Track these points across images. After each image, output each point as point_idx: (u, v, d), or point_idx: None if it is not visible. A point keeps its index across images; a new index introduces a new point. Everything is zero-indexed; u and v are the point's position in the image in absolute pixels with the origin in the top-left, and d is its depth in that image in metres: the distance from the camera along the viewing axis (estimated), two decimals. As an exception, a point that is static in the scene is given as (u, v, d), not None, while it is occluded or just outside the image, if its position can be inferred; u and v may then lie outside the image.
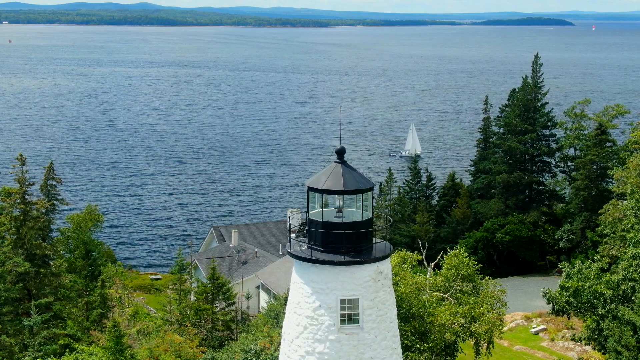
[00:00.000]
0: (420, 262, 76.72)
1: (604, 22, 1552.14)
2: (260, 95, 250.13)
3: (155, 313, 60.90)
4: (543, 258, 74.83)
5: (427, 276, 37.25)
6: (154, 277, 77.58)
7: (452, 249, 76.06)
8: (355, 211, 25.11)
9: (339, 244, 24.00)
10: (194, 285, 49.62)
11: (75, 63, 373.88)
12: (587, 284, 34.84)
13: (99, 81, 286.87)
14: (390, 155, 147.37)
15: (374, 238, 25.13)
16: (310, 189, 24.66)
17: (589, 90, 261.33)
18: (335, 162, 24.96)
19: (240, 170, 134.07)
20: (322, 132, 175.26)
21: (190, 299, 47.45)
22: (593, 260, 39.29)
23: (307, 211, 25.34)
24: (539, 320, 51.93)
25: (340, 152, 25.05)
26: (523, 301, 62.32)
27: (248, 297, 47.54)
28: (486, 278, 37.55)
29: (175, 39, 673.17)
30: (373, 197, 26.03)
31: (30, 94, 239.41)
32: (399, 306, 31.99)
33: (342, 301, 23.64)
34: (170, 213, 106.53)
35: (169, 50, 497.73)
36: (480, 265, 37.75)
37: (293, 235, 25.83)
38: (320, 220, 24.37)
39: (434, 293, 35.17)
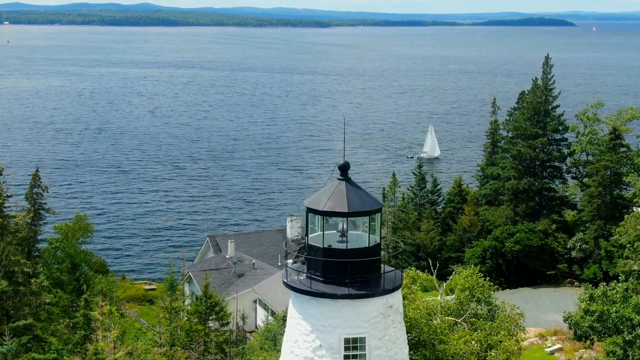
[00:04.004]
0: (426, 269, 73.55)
1: (605, 22, 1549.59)
2: (260, 97, 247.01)
3: (147, 327, 57.94)
4: (553, 267, 71.78)
5: (439, 298, 34.14)
6: (148, 287, 74.49)
7: (459, 260, 72.91)
8: (361, 235, 22.00)
9: (342, 274, 20.93)
10: (187, 302, 46.65)
11: (73, 63, 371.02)
12: (614, 308, 31.68)
13: (96, 82, 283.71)
14: (407, 157, 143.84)
15: (382, 266, 22.09)
16: (310, 210, 21.56)
17: (591, 91, 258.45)
18: (338, 179, 21.83)
19: (239, 175, 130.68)
20: (324, 135, 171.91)
21: (184, 313, 44.47)
22: (617, 280, 36.11)
23: (306, 235, 22.27)
24: (554, 338, 48.76)
25: (344, 168, 21.87)
26: (535, 315, 59.15)
27: (244, 318, 44.51)
28: (503, 300, 34.39)
29: (176, 39, 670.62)
30: (381, 218, 22.97)
31: (25, 96, 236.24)
32: (407, 332, 28.97)
33: (346, 340, 20.59)
34: (165, 220, 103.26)
35: (168, 50, 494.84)
36: (497, 287, 34.53)
37: (290, 261, 22.59)
38: (321, 246, 21.28)
39: (446, 317, 32.09)
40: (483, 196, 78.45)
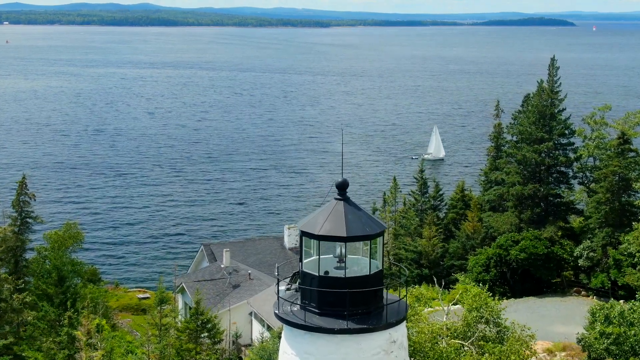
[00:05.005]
0: (428, 279, 71.34)
1: (605, 22, 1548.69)
2: (259, 98, 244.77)
3: (139, 338, 55.88)
4: (559, 275, 69.62)
5: (444, 318, 31.97)
6: (141, 295, 72.40)
7: (462, 268, 70.63)
8: (361, 260, 19.87)
9: (340, 305, 18.82)
10: (180, 314, 44.50)
11: (72, 64, 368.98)
12: (632, 331, 29.55)
13: (93, 83, 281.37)
14: (412, 158, 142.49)
15: (385, 291, 19.98)
16: (304, 233, 19.44)
17: (592, 91, 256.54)
18: (336, 199, 19.69)
19: (236, 178, 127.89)
20: (324, 136, 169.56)
21: (174, 330, 42.31)
22: (635, 298, 33.97)
23: (300, 260, 20.16)
24: (563, 354, 46.59)
25: (342, 187, 19.70)
26: (541, 327, 56.83)
27: (237, 336, 42.35)
28: (513, 321, 32.23)
29: (176, 39, 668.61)
30: (384, 241, 20.84)
31: (22, 97, 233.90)
32: (411, 356, 26.86)
33: (345, 380, 18.49)
34: (160, 225, 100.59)
35: (168, 51, 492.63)
36: (505, 307, 32.38)
37: (282, 288, 20.42)
38: (317, 274, 19.16)
39: (453, 340, 29.96)
40: (487, 202, 76.27)
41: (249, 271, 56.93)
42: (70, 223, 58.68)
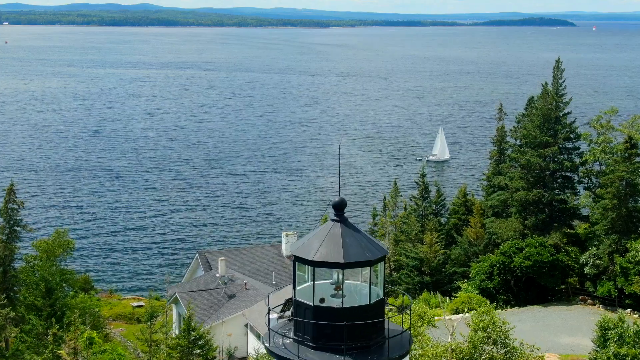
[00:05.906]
0: (429, 287, 69.43)
1: (606, 22, 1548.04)
2: (258, 99, 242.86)
3: (132, 349, 54.14)
4: (564, 281, 67.87)
5: (448, 338, 30.19)
6: (135, 304, 70.63)
7: (464, 275, 68.74)
8: (360, 287, 18.19)
9: (337, 338, 17.11)
10: (173, 327, 42.71)
11: (71, 64, 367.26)
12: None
13: (91, 83, 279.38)
14: (416, 160, 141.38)
15: (386, 321, 18.26)
16: (298, 259, 17.72)
17: (595, 92, 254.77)
18: (333, 219, 17.97)
19: (234, 182, 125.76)
20: (324, 138, 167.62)
21: (165, 347, 40.55)
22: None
23: (293, 288, 18.43)
24: (571, 368, 44.81)
25: (339, 207, 18.02)
26: (546, 337, 55.28)
27: (230, 353, 40.59)
28: (521, 341, 30.44)
29: (176, 39, 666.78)
30: (385, 264, 19.10)
31: (19, 98, 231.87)
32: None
33: (343, 421, 16.77)
34: (156, 232, 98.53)
35: (167, 51, 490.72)
36: (514, 326, 30.55)
37: (275, 316, 18.67)
38: (311, 304, 17.43)
39: (458, 363, 28.21)
40: (490, 207, 74.45)
41: (245, 281, 55.15)
42: (60, 231, 56.89)
